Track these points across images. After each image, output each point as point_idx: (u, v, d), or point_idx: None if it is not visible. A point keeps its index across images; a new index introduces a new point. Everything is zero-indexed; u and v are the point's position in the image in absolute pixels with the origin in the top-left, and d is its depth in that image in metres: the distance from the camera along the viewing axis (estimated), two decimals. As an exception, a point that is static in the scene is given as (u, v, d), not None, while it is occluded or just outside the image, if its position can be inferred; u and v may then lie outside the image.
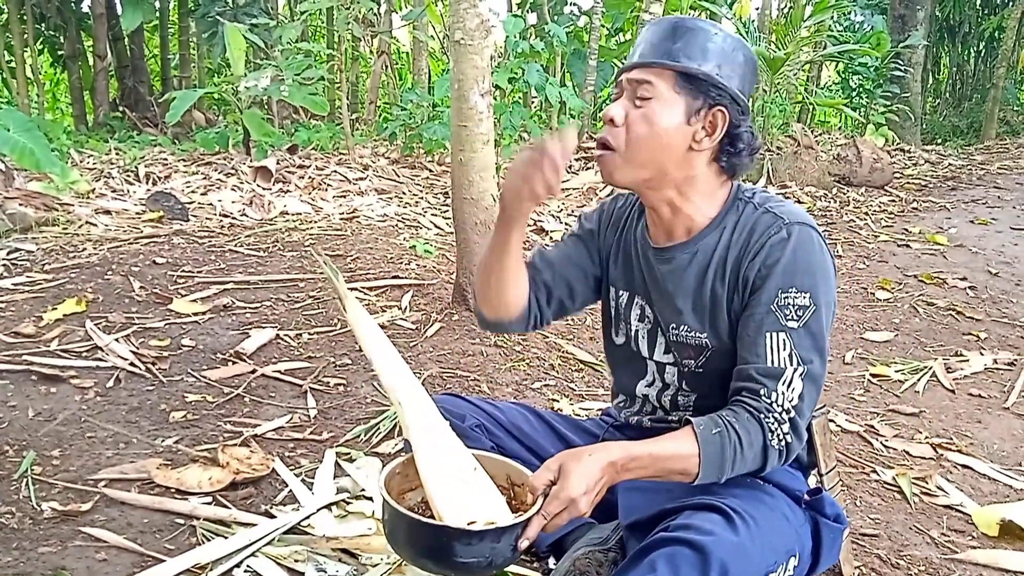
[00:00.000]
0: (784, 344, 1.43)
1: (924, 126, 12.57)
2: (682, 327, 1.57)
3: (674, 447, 1.41)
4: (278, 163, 6.19)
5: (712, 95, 1.48)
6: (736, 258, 1.51)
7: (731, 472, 1.41)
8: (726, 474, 1.41)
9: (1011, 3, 12.29)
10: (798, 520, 1.54)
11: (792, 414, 1.42)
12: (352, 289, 3.69)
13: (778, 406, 1.42)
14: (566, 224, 5.53)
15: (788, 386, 1.42)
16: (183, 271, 3.75)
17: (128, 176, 5.85)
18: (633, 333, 1.69)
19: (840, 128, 11.97)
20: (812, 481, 1.70)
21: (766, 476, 1.58)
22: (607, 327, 1.77)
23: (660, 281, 1.61)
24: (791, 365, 1.42)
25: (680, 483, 1.60)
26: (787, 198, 7.13)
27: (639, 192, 1.58)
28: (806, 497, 1.59)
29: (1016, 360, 3.49)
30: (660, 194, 1.54)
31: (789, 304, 1.43)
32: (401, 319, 3.37)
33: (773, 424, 1.41)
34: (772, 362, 1.43)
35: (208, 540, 1.77)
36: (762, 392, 1.42)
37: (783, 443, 1.42)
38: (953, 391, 3.15)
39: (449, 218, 4.97)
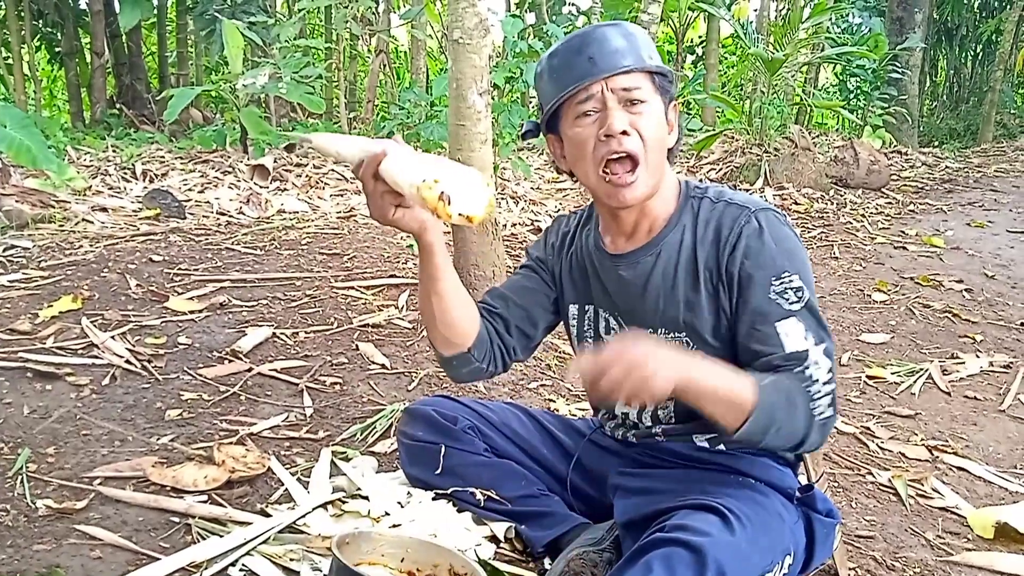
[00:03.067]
0: (797, 328, 1.41)
1: (921, 129, 12.60)
2: (659, 330, 1.56)
3: (739, 385, 1.36)
4: (275, 161, 6.18)
5: (670, 91, 1.51)
6: (711, 254, 1.50)
7: (776, 429, 1.36)
8: (773, 428, 1.36)
9: (1009, 6, 12.31)
10: (792, 518, 1.54)
11: (830, 387, 1.40)
12: (349, 288, 3.69)
13: (814, 381, 1.40)
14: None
15: (816, 365, 1.40)
16: (179, 269, 3.75)
17: (125, 173, 5.84)
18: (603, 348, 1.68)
19: (837, 130, 12.00)
20: (802, 478, 1.70)
21: (757, 475, 1.59)
22: (574, 346, 1.77)
23: (625, 289, 1.59)
24: (811, 344, 1.41)
25: (673, 483, 1.60)
26: (784, 199, 7.12)
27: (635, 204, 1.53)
28: (798, 494, 1.60)
29: (1012, 363, 3.50)
30: (645, 203, 1.53)
31: (786, 289, 1.43)
32: (398, 318, 3.37)
33: (816, 394, 1.39)
34: (791, 347, 1.41)
35: (203, 538, 1.76)
36: (795, 369, 1.40)
37: (823, 417, 1.40)
38: (949, 393, 3.16)
39: (446, 217, 4.96)
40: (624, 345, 1.29)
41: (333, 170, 6.37)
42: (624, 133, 1.44)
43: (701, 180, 1.67)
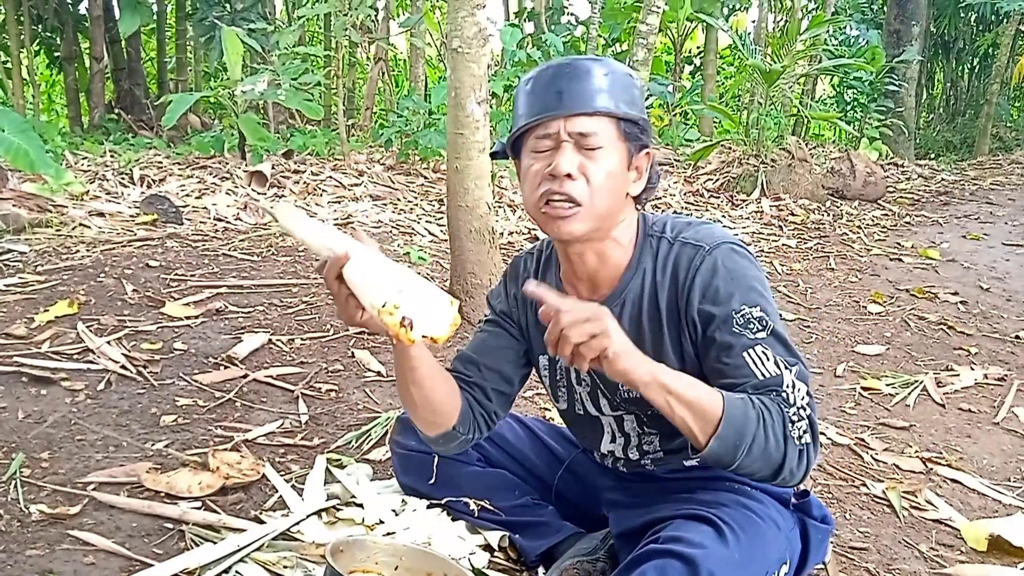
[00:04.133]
0: (766, 355, 1.39)
1: (918, 141, 12.66)
2: None
3: (707, 396, 1.34)
4: (273, 168, 6.19)
5: (642, 139, 1.46)
6: (670, 300, 1.48)
7: (748, 446, 1.32)
8: (744, 445, 1.32)
9: (1005, 20, 12.37)
10: (788, 525, 1.54)
11: (808, 411, 1.37)
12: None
13: (791, 404, 1.36)
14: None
15: (793, 388, 1.37)
16: (176, 274, 3.75)
17: (123, 179, 5.84)
18: (576, 397, 1.66)
19: (834, 141, 12.05)
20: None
21: (752, 482, 1.58)
22: (549, 394, 1.74)
23: None
24: (782, 369, 1.38)
25: (667, 493, 1.60)
26: (781, 210, 7.11)
27: (579, 243, 1.50)
28: (794, 500, 1.60)
29: (1006, 375, 3.51)
30: (597, 244, 1.50)
31: (748, 320, 1.40)
32: (394, 326, 3.36)
33: (794, 416, 1.36)
34: (763, 375, 1.38)
35: (197, 545, 1.76)
36: (772, 395, 1.37)
37: (803, 442, 1.36)
38: (943, 405, 3.16)
39: (444, 225, 4.98)
40: (601, 311, 1.29)
41: (331, 177, 6.37)
42: (569, 176, 1.40)
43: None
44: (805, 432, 1.36)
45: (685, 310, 1.45)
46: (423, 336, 1.30)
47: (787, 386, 1.37)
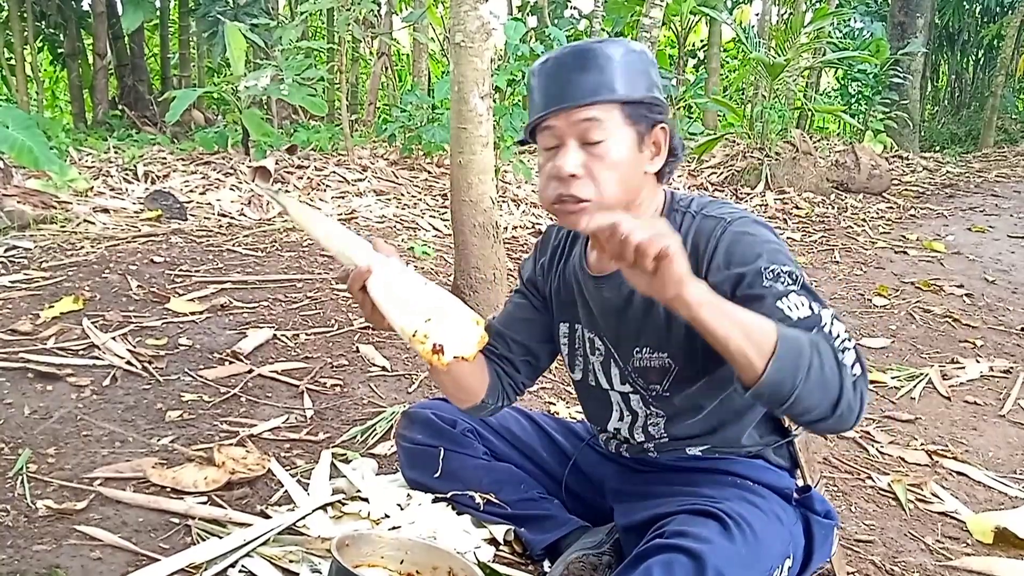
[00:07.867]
0: (801, 302, 1.33)
1: (922, 133, 12.61)
2: (644, 350, 1.53)
3: (758, 319, 1.25)
4: (277, 163, 6.19)
5: (653, 116, 1.44)
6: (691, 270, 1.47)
7: (807, 371, 1.22)
8: (803, 369, 1.21)
9: (1010, 12, 12.33)
10: (791, 520, 1.54)
11: (852, 343, 1.30)
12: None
13: (835, 337, 1.30)
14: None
15: (832, 323, 1.31)
16: (181, 270, 3.75)
17: (127, 175, 5.84)
18: (590, 367, 1.67)
19: (839, 134, 12.00)
20: (800, 480, 1.70)
21: (754, 477, 1.58)
22: (567, 364, 1.75)
23: (608, 309, 1.56)
24: (817, 310, 1.32)
25: (672, 486, 1.60)
26: (785, 204, 7.11)
27: None
28: (796, 495, 1.60)
29: (1012, 368, 3.50)
30: None
31: (779, 274, 1.35)
32: (398, 320, 3.37)
33: (840, 346, 1.28)
34: (799, 317, 1.31)
35: (203, 540, 1.76)
36: (814, 331, 1.30)
37: (854, 372, 1.27)
38: (949, 398, 3.16)
39: (447, 220, 4.97)
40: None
41: (334, 172, 6.37)
42: (574, 176, 1.39)
43: (692, 189, 1.61)
44: (855, 363, 1.28)
45: (711, 279, 1.39)
46: (455, 357, 1.35)
47: (825, 323, 1.31)
